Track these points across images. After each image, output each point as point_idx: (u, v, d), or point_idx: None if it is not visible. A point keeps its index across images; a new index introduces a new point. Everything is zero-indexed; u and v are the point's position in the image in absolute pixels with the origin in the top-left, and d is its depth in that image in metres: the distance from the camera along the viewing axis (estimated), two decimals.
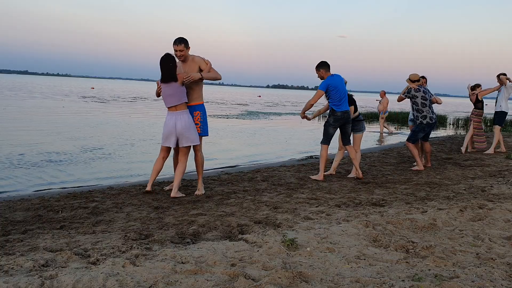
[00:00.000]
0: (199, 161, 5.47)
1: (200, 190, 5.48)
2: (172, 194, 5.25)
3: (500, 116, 9.87)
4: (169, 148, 5.38)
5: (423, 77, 8.32)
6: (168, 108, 5.20)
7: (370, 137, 14.36)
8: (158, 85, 5.22)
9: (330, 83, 6.37)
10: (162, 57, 5.08)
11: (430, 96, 7.71)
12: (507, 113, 9.99)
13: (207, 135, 5.52)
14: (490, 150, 9.76)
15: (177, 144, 5.27)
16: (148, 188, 5.39)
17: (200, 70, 5.24)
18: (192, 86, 5.26)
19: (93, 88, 63.83)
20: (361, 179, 6.61)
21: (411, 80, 7.69)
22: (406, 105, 27.85)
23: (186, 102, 5.20)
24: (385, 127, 15.76)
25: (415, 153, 7.72)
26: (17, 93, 35.88)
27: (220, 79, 5.39)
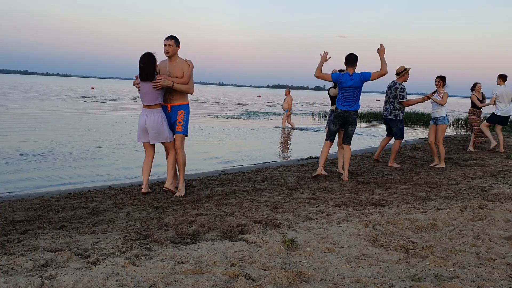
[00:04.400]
0: (180, 160, 5.43)
1: (180, 192, 5.39)
2: (165, 185, 5.46)
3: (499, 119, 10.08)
4: (151, 147, 5.46)
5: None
6: (143, 105, 5.30)
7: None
8: (136, 79, 5.26)
9: (339, 79, 6.39)
10: (142, 55, 5.15)
11: (391, 94, 7.89)
12: (509, 116, 10.10)
13: (187, 135, 5.48)
14: (497, 147, 9.96)
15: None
16: (144, 190, 5.40)
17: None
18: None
19: (93, 88, 63.80)
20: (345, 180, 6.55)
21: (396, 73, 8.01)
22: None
23: (160, 104, 5.25)
24: (289, 123, 17.00)
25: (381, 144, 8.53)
26: (19, 93, 35.91)
27: (191, 93, 5.31)
